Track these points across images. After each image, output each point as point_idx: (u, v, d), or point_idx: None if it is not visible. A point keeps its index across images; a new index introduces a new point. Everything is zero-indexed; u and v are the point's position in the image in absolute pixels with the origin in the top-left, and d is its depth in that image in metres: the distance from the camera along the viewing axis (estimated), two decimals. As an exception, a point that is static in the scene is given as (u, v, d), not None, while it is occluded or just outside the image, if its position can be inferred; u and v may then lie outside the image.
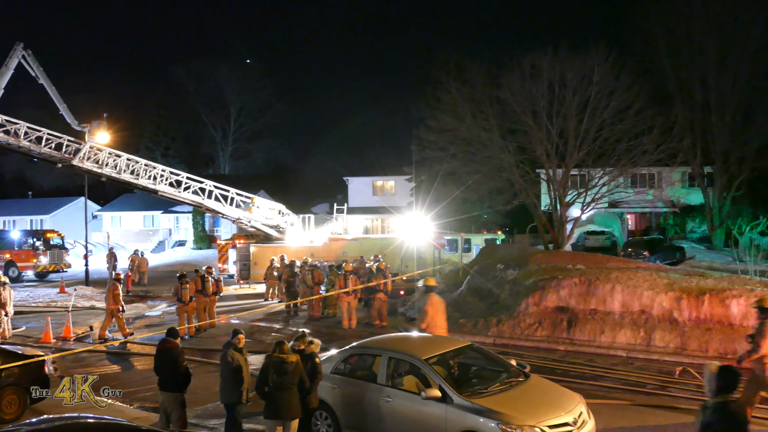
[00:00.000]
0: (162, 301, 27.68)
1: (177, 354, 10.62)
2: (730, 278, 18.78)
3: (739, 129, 41.09)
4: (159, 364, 10.69)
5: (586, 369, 15.06)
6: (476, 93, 30.46)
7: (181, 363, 10.58)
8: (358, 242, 32.81)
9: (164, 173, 29.89)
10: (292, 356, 9.69)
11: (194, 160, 72.71)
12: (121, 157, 29.08)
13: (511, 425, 8.61)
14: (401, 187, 53.43)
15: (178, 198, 30.84)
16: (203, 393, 13.14)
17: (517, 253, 26.02)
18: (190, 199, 30.79)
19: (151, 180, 29.50)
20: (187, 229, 56.73)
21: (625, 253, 35.09)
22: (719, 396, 6.53)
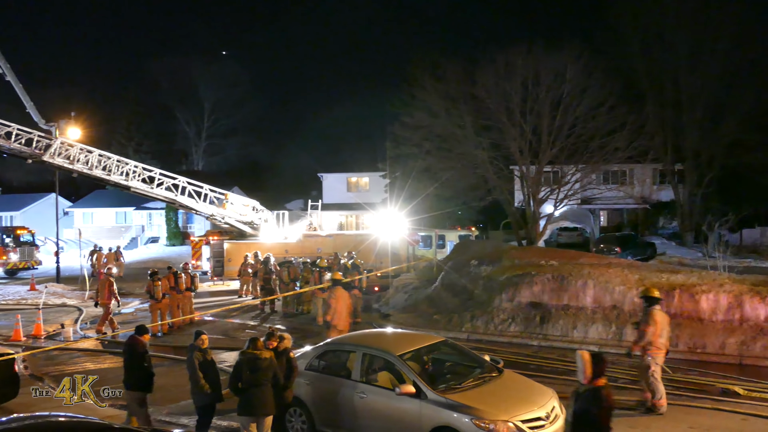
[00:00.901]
0: (134, 298, 27.42)
1: (138, 352, 10.49)
2: (700, 274, 19.04)
3: (710, 127, 41.63)
4: (124, 361, 10.65)
5: (559, 364, 15.18)
6: (451, 90, 30.59)
7: (141, 361, 10.45)
8: (333, 239, 32.72)
9: (137, 169, 29.60)
10: (266, 352, 9.67)
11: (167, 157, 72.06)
12: (92, 153, 28.74)
13: (485, 420, 8.67)
14: (376, 183, 53.43)
15: (151, 194, 30.56)
16: (176, 391, 13.05)
17: (491, 249, 26.14)
18: (163, 195, 30.53)
19: (124, 176, 29.20)
20: (160, 226, 56.21)
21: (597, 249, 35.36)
22: (593, 381, 7.09)
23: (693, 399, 12.15)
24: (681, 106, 42.19)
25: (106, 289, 20.47)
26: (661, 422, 10.98)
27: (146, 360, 10.57)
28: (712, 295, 16.61)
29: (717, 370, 14.35)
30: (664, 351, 11.67)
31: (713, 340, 15.93)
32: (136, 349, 10.54)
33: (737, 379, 13.40)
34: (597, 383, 7.15)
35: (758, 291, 16.31)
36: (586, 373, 7.17)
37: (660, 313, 11.77)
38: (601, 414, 7.03)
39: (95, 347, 18.55)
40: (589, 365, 7.17)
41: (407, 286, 25.72)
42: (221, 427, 11.28)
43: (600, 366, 7.22)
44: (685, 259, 33.05)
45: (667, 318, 12.08)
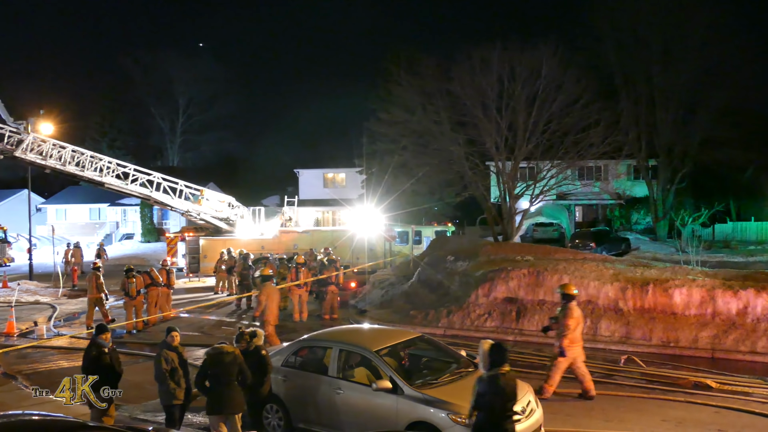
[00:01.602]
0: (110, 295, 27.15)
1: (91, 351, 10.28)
2: (673, 269, 19.25)
3: (682, 123, 42.13)
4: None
5: (534, 359, 15.27)
6: (427, 86, 30.60)
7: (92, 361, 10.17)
8: (309, 234, 32.67)
9: (111, 165, 29.32)
10: (230, 349, 9.58)
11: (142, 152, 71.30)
12: (65, 149, 28.41)
13: (461, 415, 8.70)
14: (352, 179, 53.36)
15: (126, 190, 30.30)
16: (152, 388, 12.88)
17: (467, 244, 26.24)
18: (138, 191, 30.28)
19: (98, 172, 28.91)
20: (135, 222, 55.75)
21: (572, 245, 35.68)
22: (491, 370, 7.58)
23: (666, 392, 12.29)
24: (654, 102, 42.59)
25: (93, 283, 20.47)
26: (635, 415, 11.10)
27: (102, 360, 10.16)
28: (685, 289, 16.81)
29: (690, 364, 14.53)
30: (579, 344, 12.07)
31: (686, 334, 16.13)
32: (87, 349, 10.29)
33: (709, 372, 13.58)
34: (498, 371, 7.55)
35: (730, 285, 16.53)
36: (485, 362, 7.64)
37: (577, 309, 12.20)
38: (496, 400, 7.46)
39: (69, 345, 18.35)
40: (486, 356, 7.63)
41: (384, 282, 25.74)
42: (195, 424, 11.23)
43: (500, 354, 7.66)
44: (659, 254, 33.40)
45: (581, 313, 12.50)
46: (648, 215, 45.96)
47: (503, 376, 7.56)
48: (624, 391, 12.52)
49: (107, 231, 55.57)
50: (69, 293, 27.76)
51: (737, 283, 16.68)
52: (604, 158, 33.88)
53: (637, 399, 12.03)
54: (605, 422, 10.80)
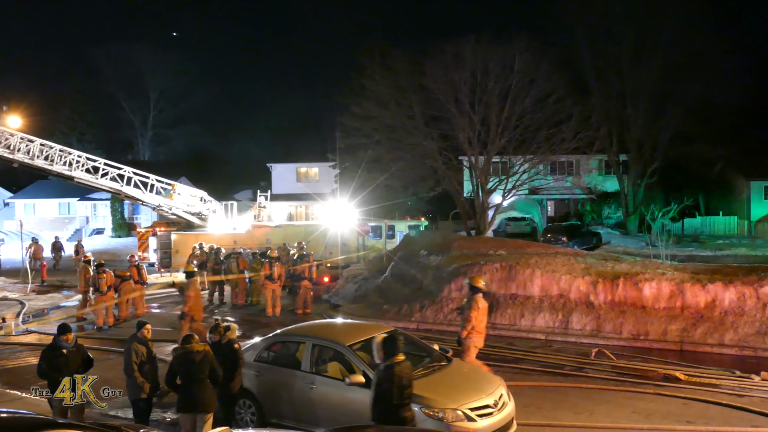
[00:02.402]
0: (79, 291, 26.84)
1: (47, 351, 10.02)
2: (643, 262, 19.48)
3: (653, 119, 42.59)
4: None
5: (506, 352, 15.38)
6: (400, 80, 30.63)
7: (47, 361, 9.90)
8: (282, 229, 32.52)
9: (80, 159, 28.94)
10: (199, 347, 9.49)
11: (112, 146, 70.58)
12: (34, 143, 27.98)
13: (434, 409, 8.75)
14: (325, 173, 53.22)
15: (96, 185, 29.94)
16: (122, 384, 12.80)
17: (441, 239, 26.31)
18: (108, 185, 29.93)
19: (67, 166, 28.52)
20: (106, 217, 55.13)
21: (544, 239, 35.89)
22: (386, 360, 8.04)
23: (636, 384, 12.44)
24: (626, 98, 43.06)
25: (83, 277, 20.55)
26: (605, 407, 11.22)
27: (58, 361, 9.85)
28: (655, 283, 17.01)
29: (659, 356, 14.73)
30: (483, 335, 12.30)
31: (656, 327, 16.33)
32: (44, 351, 10.01)
33: (678, 364, 13.77)
34: (393, 360, 8.01)
35: (699, 279, 16.77)
36: (379, 354, 8.18)
37: (482, 301, 12.40)
38: (391, 388, 7.85)
39: (39, 341, 18.10)
40: (380, 347, 8.19)
41: (357, 277, 25.72)
42: (166, 421, 11.16)
43: (393, 345, 8.15)
44: (630, 248, 33.78)
45: (487, 305, 12.74)
46: (619, 210, 46.46)
47: (398, 365, 7.98)
48: (595, 383, 12.64)
49: (77, 226, 54.90)
50: (38, 289, 27.39)
51: (705, 276, 16.92)
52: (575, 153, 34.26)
53: (608, 391, 12.16)
54: (576, 414, 10.90)
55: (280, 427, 9.88)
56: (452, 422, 8.69)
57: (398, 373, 7.94)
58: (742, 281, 16.27)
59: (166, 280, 29.74)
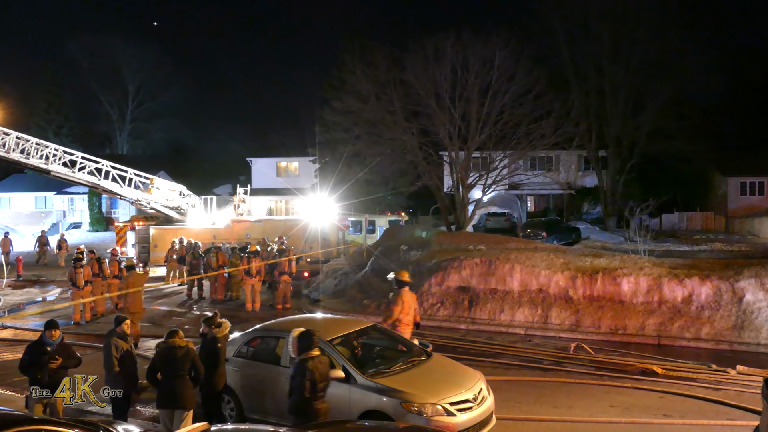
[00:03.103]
0: (56, 286, 26.60)
1: (30, 347, 9.89)
2: (622, 257, 19.61)
3: (631, 115, 42.96)
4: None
5: (486, 347, 15.44)
6: (380, 75, 30.57)
7: (31, 355, 9.75)
8: (262, 224, 32.40)
9: (57, 152, 28.61)
10: (182, 342, 9.42)
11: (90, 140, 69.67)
12: (9, 136, 27.60)
13: (414, 403, 8.77)
14: (305, 168, 53.07)
15: (73, 178, 29.61)
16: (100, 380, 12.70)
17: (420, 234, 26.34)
18: (86, 179, 29.63)
19: (43, 159, 28.19)
20: (83, 211, 54.63)
21: (524, 234, 36.03)
22: (301, 354, 8.33)
23: (614, 378, 12.54)
24: (604, 94, 43.37)
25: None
26: (584, 401, 11.29)
27: (41, 359, 9.64)
28: (633, 278, 17.16)
29: (637, 351, 14.87)
30: (410, 327, 12.42)
31: (634, 322, 16.47)
32: (31, 348, 9.85)
33: (655, 358, 13.90)
34: (307, 355, 8.31)
35: (676, 274, 16.93)
36: (294, 349, 8.45)
37: (408, 294, 12.58)
38: (304, 382, 8.15)
39: (14, 336, 17.92)
40: (295, 342, 8.45)
41: (337, 272, 25.71)
42: (144, 416, 11.09)
43: (307, 340, 8.42)
44: (608, 243, 33.98)
45: (414, 297, 12.94)
46: (598, 205, 46.79)
47: (311, 360, 8.28)
48: (573, 377, 12.73)
49: (54, 220, 54.30)
50: (13, 284, 27.11)
51: (683, 271, 17.09)
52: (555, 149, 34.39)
53: (586, 385, 12.25)
54: (555, 408, 10.97)
55: (260, 422, 9.85)
56: (432, 417, 8.70)
57: (311, 368, 8.20)
58: (718, 276, 16.46)
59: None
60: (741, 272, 16.30)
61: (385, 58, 31.37)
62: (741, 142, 50.93)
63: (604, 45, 42.52)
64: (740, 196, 47.17)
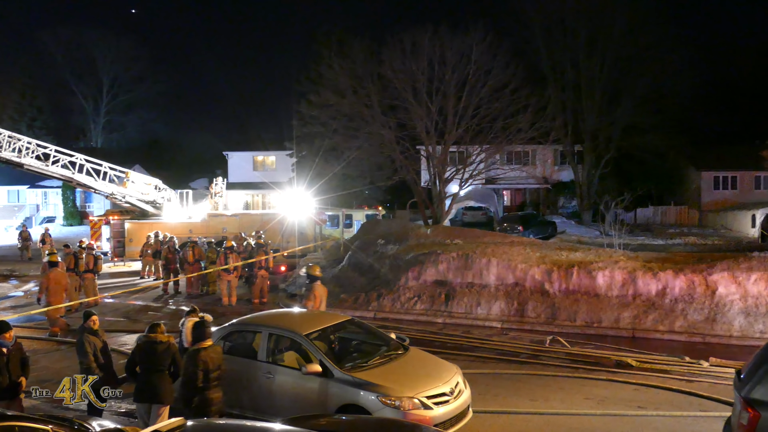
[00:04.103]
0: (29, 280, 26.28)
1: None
2: (597, 251, 19.80)
3: (606, 110, 43.27)
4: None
5: (463, 340, 15.51)
6: (357, 69, 30.49)
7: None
8: (238, 218, 32.28)
9: (30, 146, 28.26)
10: (164, 337, 9.35)
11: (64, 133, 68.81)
12: (-19, 128, 27.26)
13: (391, 397, 8.78)
14: (282, 162, 52.83)
15: (46, 172, 29.28)
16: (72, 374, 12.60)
17: (398, 228, 26.37)
18: (60, 173, 29.30)
19: (16, 152, 27.83)
20: (57, 205, 53.99)
21: (500, 228, 36.19)
22: (194, 345, 8.59)
23: (589, 371, 12.65)
24: (580, 89, 43.65)
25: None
26: (560, 394, 11.38)
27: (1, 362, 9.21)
28: (608, 271, 17.32)
29: (612, 343, 15.01)
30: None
31: (609, 315, 16.64)
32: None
33: (630, 351, 14.05)
34: (200, 345, 8.58)
35: (650, 267, 17.11)
36: (188, 338, 8.82)
37: (320, 288, 13.24)
38: (196, 372, 8.42)
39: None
40: (189, 331, 8.69)
41: (314, 266, 25.65)
42: (121, 412, 11.00)
43: (201, 331, 8.69)
44: (584, 237, 34.28)
45: (325, 291, 13.74)
46: (574, 199, 47.11)
47: (204, 350, 8.56)
48: (549, 370, 12.83)
49: (27, 214, 53.58)
50: None
51: (657, 265, 17.28)
52: (531, 143, 34.56)
53: (562, 378, 12.35)
54: (531, 401, 11.05)
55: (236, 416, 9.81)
56: (409, 410, 8.73)
57: (203, 358, 8.48)
58: (691, 269, 16.66)
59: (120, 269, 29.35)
60: (714, 266, 16.51)
61: (362, 52, 31.29)
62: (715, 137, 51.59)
63: (581, 40, 42.77)
64: (713, 190, 47.75)
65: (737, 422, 7.20)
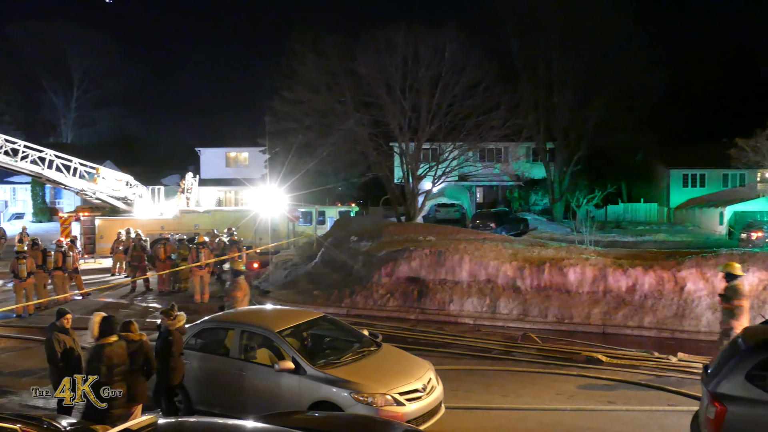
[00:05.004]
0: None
1: None
2: (568, 248, 19.96)
3: (578, 108, 43.62)
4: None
5: (436, 337, 15.56)
6: (331, 65, 30.48)
7: None
8: (211, 215, 32.08)
9: (-2, 141, 27.84)
10: (136, 336, 9.27)
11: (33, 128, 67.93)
12: (-53, 123, 26.81)
13: (363, 394, 8.80)
14: (255, 158, 52.62)
15: (15, 167, 28.82)
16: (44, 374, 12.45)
17: (371, 225, 26.38)
18: (29, 169, 28.87)
19: (-16, 148, 27.41)
20: (26, 201, 53.32)
21: (473, 225, 36.36)
22: (99, 339, 8.63)
23: (560, 367, 12.77)
24: (552, 87, 43.95)
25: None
26: (532, 389, 11.48)
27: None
28: (579, 268, 17.47)
29: (582, 339, 15.15)
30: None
31: (579, 311, 16.79)
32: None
33: (600, 347, 14.19)
34: (105, 341, 8.61)
35: (620, 264, 17.29)
36: (94, 332, 8.70)
37: (244, 282, 13.91)
38: (100, 367, 8.45)
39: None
40: (96, 325, 8.71)
41: (287, 263, 25.60)
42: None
43: (107, 326, 8.72)
44: (555, 234, 34.53)
45: (247, 287, 14.48)
46: (546, 196, 47.45)
47: (108, 346, 8.58)
48: (521, 366, 12.92)
49: (-5, 210, 52.92)
50: None
51: (627, 261, 17.46)
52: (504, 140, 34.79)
53: (534, 374, 12.45)
54: (503, 397, 11.13)
55: (209, 414, 9.77)
56: (381, 407, 8.75)
57: (108, 353, 8.52)
58: (661, 266, 16.85)
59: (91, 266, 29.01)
60: (683, 262, 16.72)
61: (336, 48, 31.28)
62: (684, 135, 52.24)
63: (553, 38, 43.08)
64: (682, 187, 48.36)
65: (705, 416, 7.33)
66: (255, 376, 9.75)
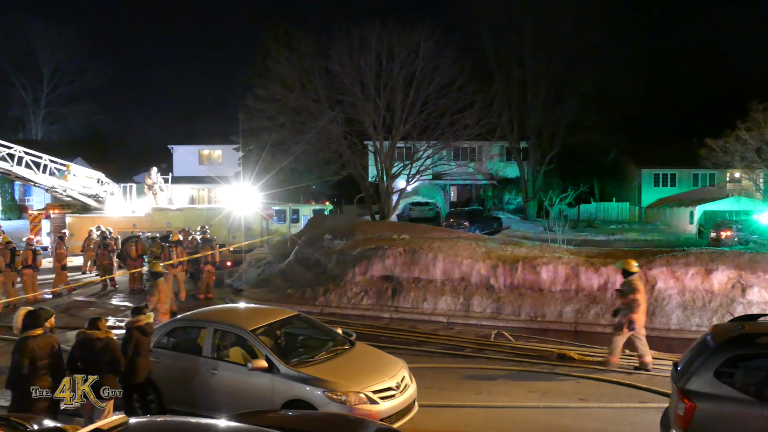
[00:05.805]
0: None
1: None
2: (541, 247, 20.11)
3: (551, 107, 43.99)
4: None
5: (409, 335, 15.59)
6: (305, 63, 30.38)
7: None
8: (183, 212, 31.83)
9: (-34, 137, 27.40)
10: (102, 334, 9.16)
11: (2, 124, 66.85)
12: None
13: (337, 392, 8.80)
14: (229, 156, 52.35)
15: (-17, 164, 28.40)
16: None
17: (345, 223, 26.35)
18: (-3, 165, 28.45)
19: (-49, 144, 26.95)
20: (-6, 198, 52.54)
21: (447, 224, 36.50)
22: (23, 332, 8.57)
23: (533, 365, 12.85)
24: (526, 86, 44.24)
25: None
26: (504, 387, 11.54)
27: None
28: (552, 266, 17.61)
29: (555, 337, 15.28)
30: (167, 316, 13.05)
31: (552, 309, 16.93)
32: None
33: (572, 344, 14.33)
34: (29, 334, 8.52)
35: (592, 263, 17.46)
36: (17, 325, 8.66)
37: (164, 284, 13.75)
38: (22, 359, 8.39)
39: None
40: (20, 319, 8.67)
41: (260, 261, 25.49)
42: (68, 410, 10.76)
43: (32, 320, 8.64)
44: (528, 233, 34.76)
45: (170, 287, 14.59)
46: (519, 195, 47.79)
47: (32, 339, 8.50)
48: (494, 364, 12.99)
49: (-38, 207, 52.05)
50: None
51: (599, 260, 17.63)
52: (478, 140, 34.91)
53: (507, 372, 12.52)
54: (476, 395, 11.18)
55: (181, 413, 9.70)
56: (355, 405, 8.75)
57: (31, 346, 8.43)
58: (632, 265, 17.01)
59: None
60: (653, 261, 16.91)
61: (310, 46, 31.18)
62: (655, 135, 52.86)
63: (527, 38, 43.38)
64: (654, 187, 48.95)
65: (674, 413, 7.42)
66: (228, 375, 9.70)
